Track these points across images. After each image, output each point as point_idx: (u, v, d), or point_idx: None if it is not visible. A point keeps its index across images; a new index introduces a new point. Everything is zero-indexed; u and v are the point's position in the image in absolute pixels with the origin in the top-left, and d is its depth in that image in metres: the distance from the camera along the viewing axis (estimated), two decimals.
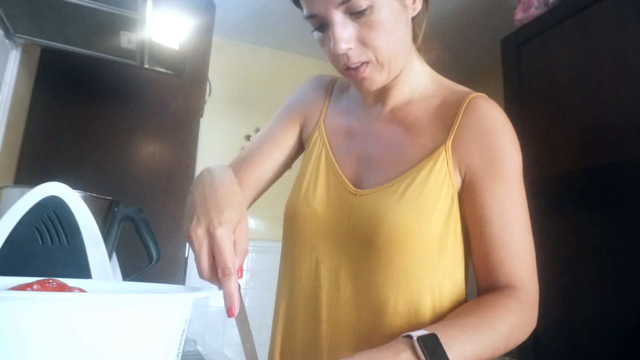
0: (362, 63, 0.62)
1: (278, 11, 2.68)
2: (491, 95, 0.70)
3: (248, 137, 3.07)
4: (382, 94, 0.71)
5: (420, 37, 0.72)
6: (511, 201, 0.63)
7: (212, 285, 0.54)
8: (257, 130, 3.08)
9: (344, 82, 0.82)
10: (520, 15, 2.03)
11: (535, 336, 0.58)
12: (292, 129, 0.81)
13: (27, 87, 1.39)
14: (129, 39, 1.19)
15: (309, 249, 0.71)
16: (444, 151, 0.64)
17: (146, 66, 1.38)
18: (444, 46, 0.76)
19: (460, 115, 0.65)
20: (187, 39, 1.24)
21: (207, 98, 2.00)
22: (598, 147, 1.57)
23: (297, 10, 0.67)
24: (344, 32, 0.59)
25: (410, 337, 0.51)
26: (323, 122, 0.78)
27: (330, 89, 0.82)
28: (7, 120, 1.23)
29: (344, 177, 0.70)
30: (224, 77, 3.06)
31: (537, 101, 1.83)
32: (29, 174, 1.37)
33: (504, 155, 0.64)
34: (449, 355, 0.51)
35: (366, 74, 0.63)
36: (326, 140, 0.75)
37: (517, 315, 0.59)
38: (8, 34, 1.17)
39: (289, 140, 0.80)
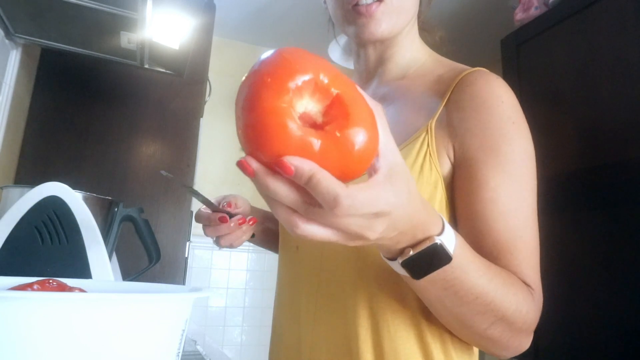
0: (376, 1, 0.60)
1: (278, 11, 2.68)
2: None
3: None
4: (379, 66, 0.69)
5: (423, 15, 0.70)
6: (507, 191, 0.53)
7: (212, 285, 0.56)
8: None
9: None
10: (520, 16, 2.03)
11: (535, 336, 0.55)
12: None
13: (27, 87, 1.39)
14: (129, 39, 1.19)
15: (294, 250, 0.69)
16: (425, 132, 0.58)
17: (146, 66, 1.37)
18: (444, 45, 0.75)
19: (450, 92, 0.59)
20: (187, 39, 1.24)
21: (207, 98, 2.00)
22: (598, 147, 1.57)
23: (297, 10, 0.67)
24: None
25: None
26: None
27: None
28: (7, 120, 1.23)
29: None
30: (224, 77, 3.05)
31: (537, 101, 1.83)
32: (29, 174, 1.37)
33: (498, 135, 0.55)
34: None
35: (378, 14, 0.60)
36: None
37: (527, 300, 0.50)
38: (8, 34, 1.17)
39: None
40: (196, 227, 0.64)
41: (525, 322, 0.49)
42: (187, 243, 1.61)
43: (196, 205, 2.14)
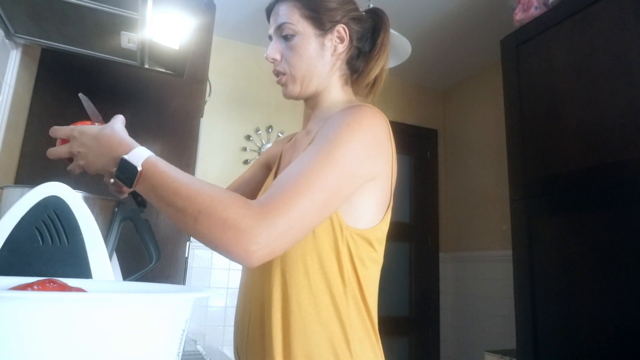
0: (280, 73, 0.86)
1: None
2: (491, 95, 0.70)
3: (248, 137, 3.07)
4: (312, 112, 0.90)
5: (366, 79, 0.88)
6: (301, 159, 0.68)
7: (212, 285, 0.56)
8: (257, 130, 3.08)
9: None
10: (520, 16, 2.03)
11: (535, 336, 0.55)
12: (256, 168, 1.06)
13: (27, 87, 1.39)
14: (129, 39, 1.19)
15: None
16: (310, 141, 0.78)
17: (146, 66, 1.37)
18: (445, 46, 0.77)
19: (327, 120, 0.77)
20: (187, 39, 1.24)
21: (207, 98, 2.00)
22: (598, 147, 1.57)
23: None
24: (274, 45, 0.86)
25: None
26: (281, 154, 0.97)
27: (292, 136, 1.01)
28: (7, 120, 1.23)
29: (271, 183, 0.86)
30: (224, 77, 3.06)
31: (536, 101, 1.83)
32: (29, 174, 1.37)
33: (328, 131, 0.71)
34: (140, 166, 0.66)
35: (282, 82, 0.87)
36: (277, 164, 0.94)
37: (233, 202, 0.60)
38: (8, 34, 1.17)
39: (254, 173, 1.05)
40: None
41: (226, 218, 0.58)
42: (187, 243, 1.61)
43: None
